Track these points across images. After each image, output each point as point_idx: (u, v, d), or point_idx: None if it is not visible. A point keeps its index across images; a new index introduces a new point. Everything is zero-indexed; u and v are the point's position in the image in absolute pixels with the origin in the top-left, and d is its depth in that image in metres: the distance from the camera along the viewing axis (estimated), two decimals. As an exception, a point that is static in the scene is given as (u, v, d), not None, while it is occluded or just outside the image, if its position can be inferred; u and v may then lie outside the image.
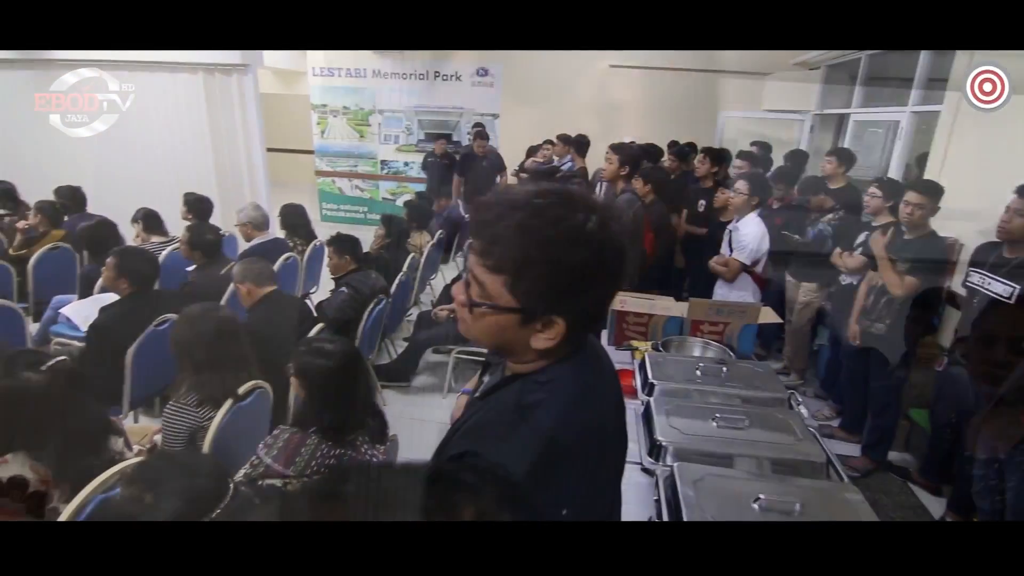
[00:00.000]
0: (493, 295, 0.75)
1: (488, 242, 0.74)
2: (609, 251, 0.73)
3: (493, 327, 0.78)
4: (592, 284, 0.74)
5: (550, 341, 0.76)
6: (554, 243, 0.70)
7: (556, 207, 0.72)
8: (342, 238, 3.11)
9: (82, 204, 4.12)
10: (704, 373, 1.92)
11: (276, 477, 1.53)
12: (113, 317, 2.44)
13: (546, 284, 0.72)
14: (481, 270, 0.75)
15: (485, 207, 0.75)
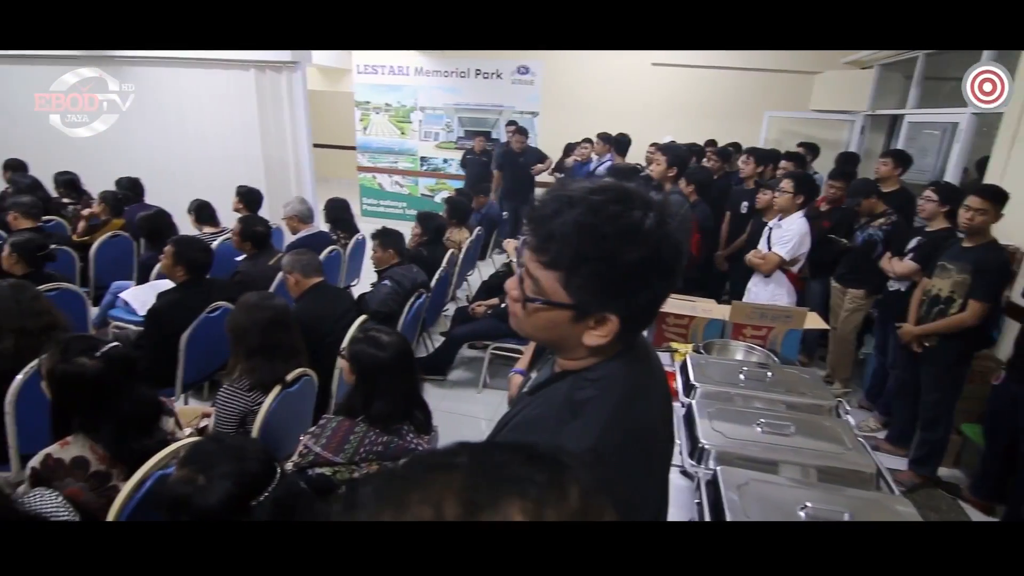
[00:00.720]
0: (547, 291, 0.75)
1: (544, 238, 0.73)
2: (666, 249, 0.72)
3: (546, 323, 0.78)
4: (647, 282, 0.74)
5: (602, 338, 0.76)
6: (610, 240, 0.70)
7: (613, 204, 0.71)
8: (387, 232, 3.17)
9: (140, 194, 4.33)
10: (748, 377, 1.89)
11: (326, 465, 1.58)
12: (169, 303, 2.56)
13: (601, 281, 0.72)
14: (535, 266, 0.75)
15: (541, 203, 0.75)
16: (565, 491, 0.32)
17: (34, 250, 2.70)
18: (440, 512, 0.30)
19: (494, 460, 0.34)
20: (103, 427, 1.52)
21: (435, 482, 0.32)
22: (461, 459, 0.34)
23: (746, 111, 6.97)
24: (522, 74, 6.90)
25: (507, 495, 0.31)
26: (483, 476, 0.32)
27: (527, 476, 0.33)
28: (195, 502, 1.14)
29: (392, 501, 0.32)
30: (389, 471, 0.36)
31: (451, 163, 7.37)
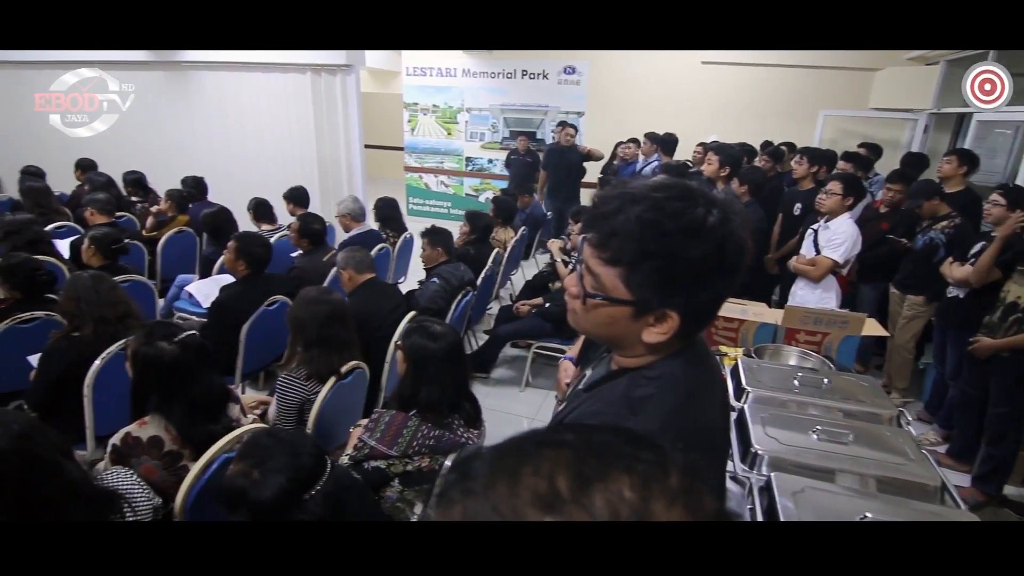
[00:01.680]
0: (607, 287, 0.76)
1: (606, 234, 0.74)
2: (730, 246, 0.72)
3: (605, 319, 0.79)
4: (710, 279, 0.73)
5: (662, 335, 0.76)
6: (673, 236, 0.70)
7: (676, 201, 0.71)
8: (436, 230, 3.24)
9: (204, 192, 4.55)
10: (803, 383, 1.84)
11: (380, 458, 1.63)
12: (232, 296, 2.69)
13: (662, 277, 0.72)
14: (596, 262, 0.76)
15: (603, 200, 0.76)
16: (667, 470, 0.33)
17: (110, 244, 2.89)
18: (552, 484, 0.32)
19: (598, 439, 0.36)
20: (176, 409, 1.62)
21: (545, 456, 0.34)
22: (568, 437, 0.36)
23: (800, 110, 6.74)
24: (568, 74, 6.89)
25: (615, 470, 0.32)
26: (590, 452, 0.34)
27: (631, 454, 0.34)
28: (251, 495, 1.19)
29: (506, 472, 0.33)
30: (497, 447, 0.37)
31: (496, 163, 7.43)
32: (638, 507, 0.31)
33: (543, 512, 0.31)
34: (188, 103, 5.63)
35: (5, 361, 2.40)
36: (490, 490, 0.33)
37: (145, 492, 1.53)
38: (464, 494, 0.34)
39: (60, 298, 2.31)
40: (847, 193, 3.07)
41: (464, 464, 0.36)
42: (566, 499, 0.31)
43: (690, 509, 0.32)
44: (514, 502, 0.32)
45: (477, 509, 0.33)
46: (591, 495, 0.31)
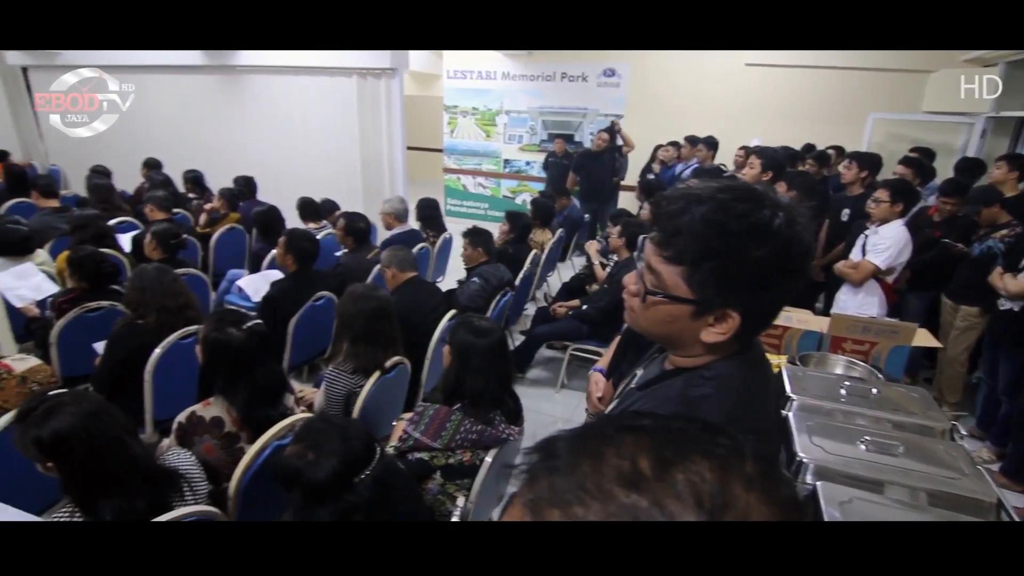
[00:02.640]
0: (668, 285, 0.76)
1: (670, 233, 0.75)
2: (796, 249, 0.72)
3: (664, 317, 0.79)
4: (773, 281, 0.73)
5: (721, 335, 0.76)
6: (737, 237, 0.71)
7: (742, 202, 0.72)
8: (477, 231, 3.29)
9: (254, 191, 4.73)
10: (850, 393, 1.80)
11: (424, 450, 1.68)
12: (281, 290, 2.79)
13: (725, 277, 0.73)
14: (658, 260, 0.77)
15: (667, 200, 0.77)
16: (743, 457, 0.35)
17: (170, 239, 3.04)
18: (635, 464, 0.33)
19: (675, 426, 0.37)
20: (239, 393, 1.71)
21: (626, 440, 0.35)
22: (646, 422, 0.37)
23: (848, 113, 6.55)
24: (608, 76, 6.87)
25: (694, 454, 0.34)
26: (668, 437, 0.36)
27: (709, 439, 0.36)
28: (305, 475, 1.25)
29: (589, 453, 0.35)
30: (578, 430, 0.39)
31: (533, 165, 7.46)
32: (718, 488, 0.32)
33: (627, 489, 0.32)
34: (240, 106, 5.86)
35: (73, 347, 2.56)
36: (575, 468, 0.35)
37: (202, 474, 1.61)
38: (549, 472, 0.35)
39: (126, 288, 2.44)
40: (895, 200, 2.98)
41: (547, 445, 0.38)
42: (649, 478, 0.33)
43: (767, 493, 0.33)
44: (598, 479, 0.33)
45: (562, 485, 0.34)
46: (672, 474, 0.33)
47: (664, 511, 0.31)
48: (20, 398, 1.80)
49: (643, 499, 0.32)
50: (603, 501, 0.32)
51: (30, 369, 1.88)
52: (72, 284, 2.75)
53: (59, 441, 1.32)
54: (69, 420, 1.33)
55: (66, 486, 1.37)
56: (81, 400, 1.40)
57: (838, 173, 4.41)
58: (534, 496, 0.35)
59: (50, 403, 1.35)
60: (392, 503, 1.32)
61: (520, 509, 0.35)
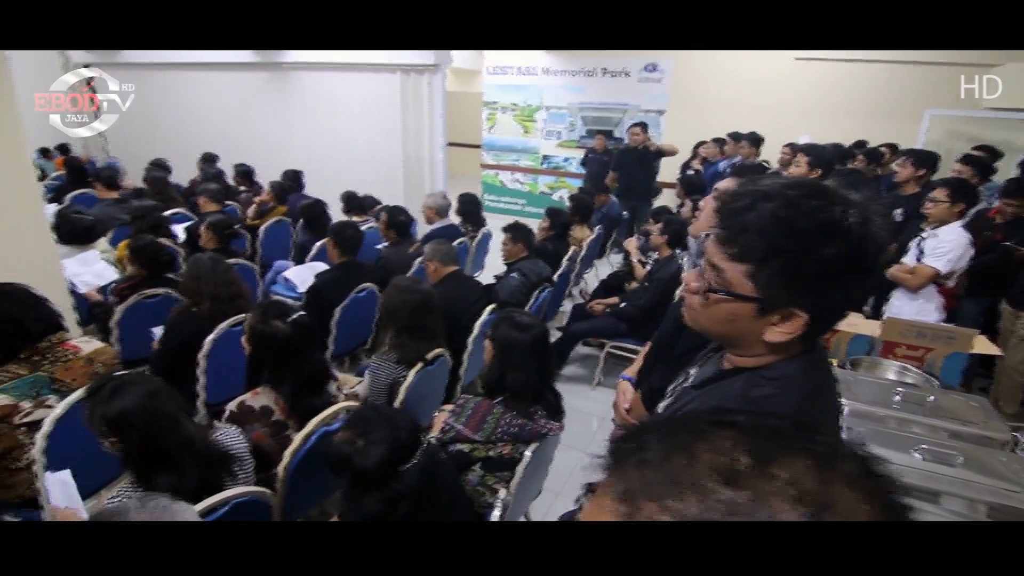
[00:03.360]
0: (732, 283, 0.75)
1: (735, 230, 0.73)
2: (870, 247, 0.70)
3: (725, 315, 0.78)
4: (843, 280, 0.71)
5: (786, 335, 0.74)
6: (807, 234, 0.69)
7: (811, 199, 0.70)
8: (518, 226, 3.30)
9: (301, 185, 4.87)
10: (904, 399, 1.74)
11: (465, 442, 1.70)
12: (326, 281, 2.87)
13: (792, 275, 0.71)
14: (721, 257, 0.75)
15: (732, 196, 0.75)
16: (842, 456, 0.34)
17: (224, 229, 3.16)
18: (731, 460, 0.33)
19: (770, 423, 0.36)
20: (286, 382, 1.76)
21: (719, 435, 0.34)
22: (739, 419, 0.36)
23: (902, 109, 6.28)
24: (650, 72, 6.77)
25: (793, 451, 0.33)
26: (763, 434, 0.35)
27: (806, 437, 0.35)
28: (355, 462, 1.28)
29: (681, 447, 0.34)
30: (667, 424, 0.38)
31: (571, 161, 7.42)
32: (820, 486, 0.31)
33: (726, 485, 0.32)
34: (288, 101, 6.03)
35: (132, 331, 2.69)
36: (666, 462, 0.34)
37: (249, 451, 1.67)
38: (639, 464, 0.35)
39: (182, 277, 2.55)
40: (955, 200, 2.84)
41: (636, 437, 0.37)
42: (747, 473, 0.32)
43: (871, 494, 0.33)
44: (694, 473, 0.33)
45: (655, 478, 0.34)
46: (772, 471, 0.32)
47: (767, 507, 0.31)
48: (86, 378, 1.90)
49: (743, 495, 0.31)
50: (701, 495, 0.32)
51: (95, 351, 1.98)
52: (131, 271, 2.89)
53: (122, 418, 1.39)
54: (132, 399, 1.40)
55: (126, 461, 1.44)
56: (144, 381, 1.48)
57: (892, 172, 4.23)
58: (626, 487, 0.35)
59: (116, 383, 1.43)
60: (436, 493, 1.35)
61: (612, 499, 0.35)
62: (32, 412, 1.79)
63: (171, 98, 6.85)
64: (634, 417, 1.50)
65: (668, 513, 0.32)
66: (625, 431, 0.39)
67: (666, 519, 0.32)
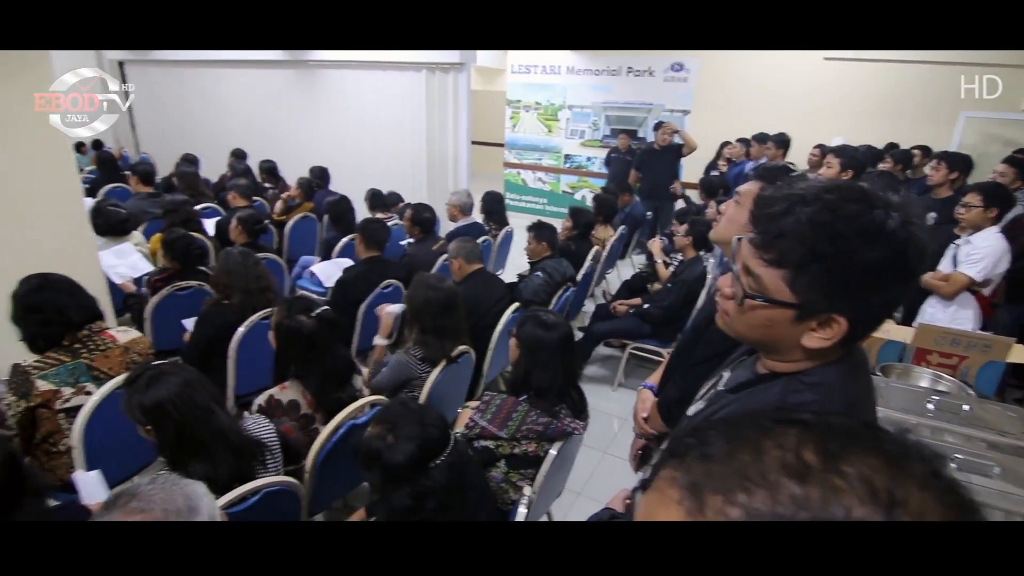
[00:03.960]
0: (768, 288, 0.74)
1: (772, 235, 0.72)
2: (912, 251, 0.68)
3: (762, 321, 0.76)
4: (884, 284, 0.70)
5: (825, 341, 0.73)
6: (847, 239, 0.67)
7: (851, 203, 0.69)
8: (542, 225, 3.30)
9: (327, 182, 4.93)
10: (938, 408, 1.71)
11: (490, 438, 1.71)
12: (353, 276, 2.91)
13: (832, 280, 0.70)
14: (758, 263, 0.74)
15: (769, 201, 0.74)
16: (911, 456, 0.33)
17: (253, 224, 3.22)
18: (800, 456, 0.32)
19: (836, 421, 0.36)
20: (312, 376, 1.79)
21: (786, 432, 0.34)
22: (805, 416, 0.36)
23: (936, 111, 6.13)
24: (676, 71, 6.71)
25: (862, 448, 0.33)
26: (831, 432, 0.34)
27: (874, 435, 0.34)
28: (385, 457, 1.29)
29: (748, 443, 0.34)
30: (730, 421, 0.38)
31: (594, 161, 7.39)
32: (890, 482, 0.31)
33: (795, 480, 0.31)
34: (315, 99, 6.11)
35: (164, 322, 2.76)
36: (732, 457, 0.34)
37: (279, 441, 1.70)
38: (702, 459, 0.35)
39: (214, 270, 2.61)
40: (988, 204, 2.76)
41: (700, 432, 0.37)
42: (817, 469, 0.32)
43: (943, 493, 0.32)
44: (761, 468, 0.32)
45: (720, 472, 0.34)
46: (842, 467, 0.31)
47: (837, 503, 0.30)
48: (122, 367, 1.95)
49: (813, 490, 0.31)
50: (769, 490, 0.32)
51: (132, 340, 2.03)
52: (165, 264, 2.96)
53: (158, 407, 1.42)
54: (168, 389, 1.43)
55: (161, 449, 1.48)
56: (180, 371, 1.51)
57: (923, 175, 4.14)
58: (692, 480, 0.35)
59: (153, 372, 1.46)
60: (464, 489, 1.36)
61: (677, 491, 0.35)
62: (72, 398, 1.84)
63: (201, 94, 7.00)
64: (651, 427, 1.49)
65: (735, 507, 0.32)
66: (687, 428, 0.39)
67: (733, 513, 0.32)
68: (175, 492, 0.94)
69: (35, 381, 1.78)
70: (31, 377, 1.78)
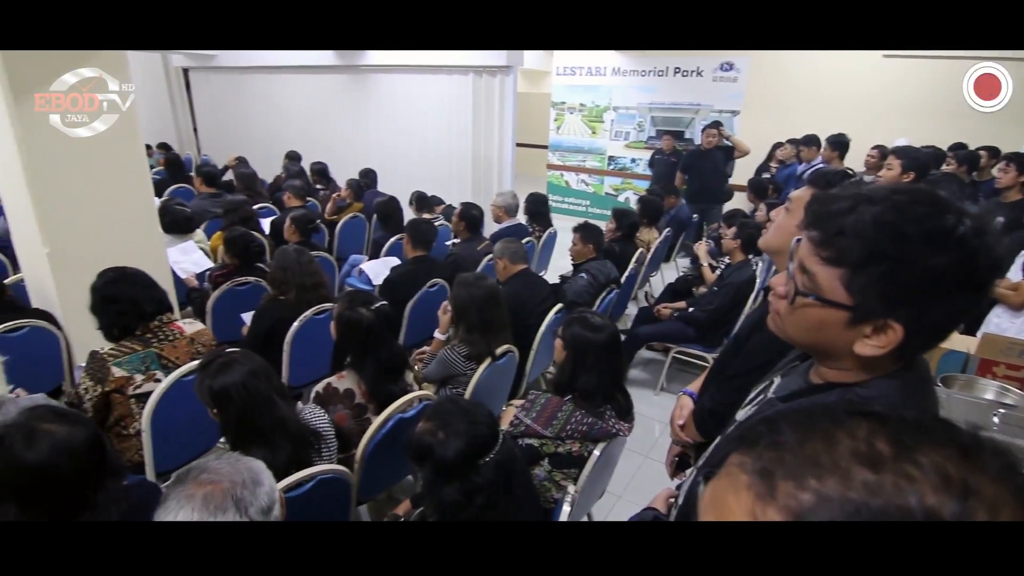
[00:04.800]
0: (823, 287, 0.71)
1: (832, 233, 0.70)
2: (984, 261, 0.65)
3: (813, 322, 0.73)
4: (951, 294, 0.66)
5: (879, 348, 0.69)
6: (912, 241, 0.64)
7: (921, 205, 0.66)
8: (589, 227, 3.31)
9: (375, 182, 5.07)
10: (1005, 422, 1.63)
11: (534, 437, 1.73)
12: (401, 275, 2.99)
13: (891, 284, 0.66)
14: (814, 260, 0.71)
15: (831, 199, 0.72)
16: (986, 450, 0.33)
17: (307, 224, 3.35)
18: (872, 446, 0.33)
19: (909, 415, 0.36)
20: (368, 367, 1.86)
21: (858, 424, 0.34)
22: (876, 408, 0.37)
23: (1008, 110, 5.78)
24: (725, 71, 6.57)
25: (935, 441, 0.33)
26: (904, 424, 0.34)
27: (948, 429, 0.34)
28: (436, 453, 1.32)
29: (819, 432, 0.34)
30: (800, 411, 0.38)
31: (639, 163, 7.32)
32: (964, 472, 0.31)
33: (868, 468, 0.32)
34: (365, 103, 6.30)
35: (224, 316, 2.90)
36: (804, 445, 0.34)
37: (332, 430, 1.77)
38: (774, 446, 0.36)
39: (270, 267, 2.73)
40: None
41: (771, 421, 0.38)
42: (889, 458, 0.32)
43: (1018, 488, 0.31)
44: (832, 456, 0.33)
45: (792, 459, 0.34)
46: (915, 457, 0.32)
47: (910, 490, 0.30)
48: (188, 357, 2.07)
49: (886, 476, 0.31)
50: (841, 477, 0.32)
51: (197, 332, 2.16)
52: (225, 260, 3.12)
53: (224, 393, 1.50)
54: (235, 376, 1.51)
55: (224, 431, 1.56)
56: (248, 360, 1.58)
57: (991, 177, 3.92)
58: (763, 466, 0.35)
59: (225, 359, 1.54)
60: (511, 487, 1.38)
61: (747, 477, 0.36)
62: (142, 385, 1.97)
63: (258, 99, 7.31)
64: (686, 435, 1.47)
65: (806, 492, 0.32)
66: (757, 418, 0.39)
67: (805, 497, 0.32)
68: (240, 466, 1.02)
69: (111, 368, 1.92)
70: (107, 364, 1.92)
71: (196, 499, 0.95)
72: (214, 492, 0.96)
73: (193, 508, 0.94)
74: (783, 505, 0.33)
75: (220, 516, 0.94)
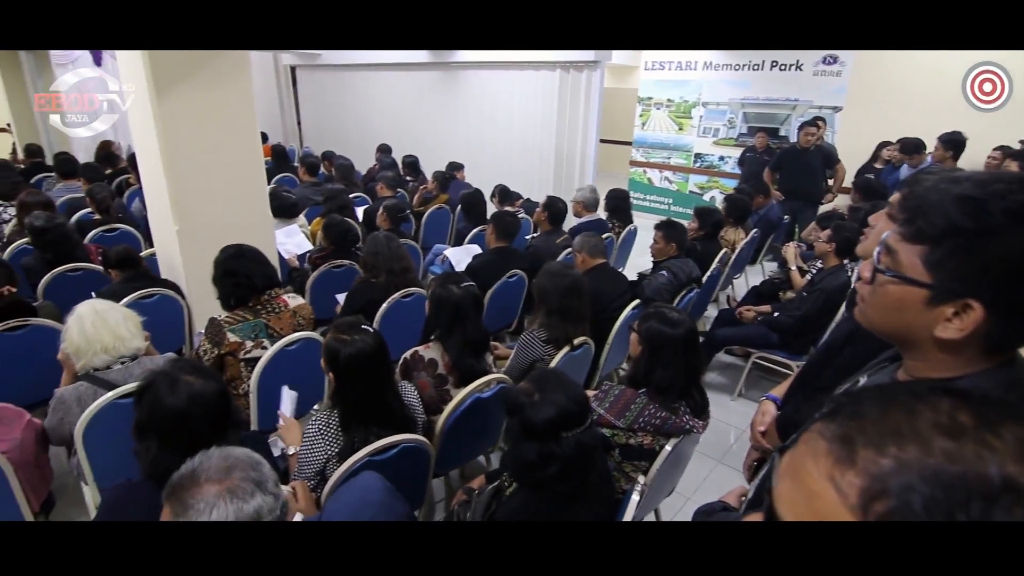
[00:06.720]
0: (903, 264, 0.70)
1: (913, 210, 0.69)
2: None
3: (893, 301, 0.72)
4: None
5: (959, 332, 0.67)
6: (994, 216, 0.63)
7: (1007, 183, 0.64)
8: (673, 224, 3.27)
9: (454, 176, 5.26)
10: None
11: (606, 426, 1.76)
12: (482, 263, 3.11)
13: (971, 260, 0.64)
14: (896, 238, 0.71)
15: (918, 180, 0.71)
16: None
17: (397, 213, 3.56)
18: (954, 419, 0.33)
19: (993, 392, 0.37)
20: (453, 341, 1.99)
21: (940, 401, 0.35)
22: (960, 385, 0.38)
23: None
24: (828, 64, 6.17)
25: (1019, 417, 0.33)
26: (986, 401, 0.35)
27: None
28: (527, 412, 1.37)
29: (901, 406, 0.35)
30: (882, 387, 0.39)
31: (727, 160, 7.04)
32: None
33: (948, 437, 0.32)
34: (454, 98, 6.52)
35: (321, 295, 3.15)
36: (885, 416, 0.35)
37: (420, 405, 1.89)
38: (855, 415, 0.37)
39: (363, 252, 2.93)
40: None
41: (854, 396, 0.39)
42: (971, 429, 0.32)
43: None
44: (914, 426, 0.34)
45: (872, 428, 0.35)
46: (999, 429, 0.32)
47: (993, 457, 0.31)
48: (291, 328, 2.29)
49: (967, 445, 0.31)
50: (921, 444, 0.32)
51: (299, 306, 2.37)
52: (323, 244, 3.37)
53: (342, 362, 1.59)
54: (354, 350, 1.59)
55: (333, 397, 1.69)
56: (373, 338, 1.65)
57: None
58: (844, 433, 0.36)
59: (358, 333, 1.63)
60: (587, 469, 1.42)
61: (826, 443, 0.37)
62: (252, 351, 2.20)
63: (355, 95, 7.76)
64: (767, 442, 1.43)
65: (886, 458, 0.33)
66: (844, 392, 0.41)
67: (884, 463, 0.33)
68: (230, 455, 1.00)
69: (226, 333, 2.16)
70: (223, 329, 2.16)
71: (223, 496, 0.91)
72: (233, 484, 0.93)
73: (226, 504, 0.90)
74: (862, 468, 0.34)
75: (252, 501, 0.92)
